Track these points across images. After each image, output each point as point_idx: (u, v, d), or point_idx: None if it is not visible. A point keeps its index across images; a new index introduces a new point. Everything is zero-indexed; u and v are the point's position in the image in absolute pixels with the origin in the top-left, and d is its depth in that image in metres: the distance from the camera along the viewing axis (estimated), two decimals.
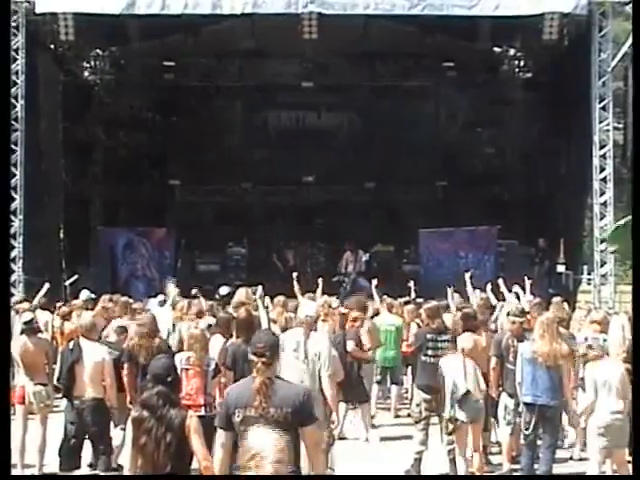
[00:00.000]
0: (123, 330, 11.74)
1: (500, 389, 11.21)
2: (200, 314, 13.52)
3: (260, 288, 13.36)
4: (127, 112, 29.84)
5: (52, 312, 16.10)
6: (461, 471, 10.43)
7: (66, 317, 15.50)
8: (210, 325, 11.49)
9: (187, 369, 9.68)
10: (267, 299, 15.02)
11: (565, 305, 15.86)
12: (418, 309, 14.73)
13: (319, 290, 16.44)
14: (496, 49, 28.76)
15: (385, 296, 16.69)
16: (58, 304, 17.21)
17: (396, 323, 15.08)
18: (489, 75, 29.01)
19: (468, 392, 10.21)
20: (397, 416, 14.64)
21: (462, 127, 30.54)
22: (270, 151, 29.57)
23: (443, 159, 29.88)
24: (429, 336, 11.35)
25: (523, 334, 10.93)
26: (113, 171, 28.82)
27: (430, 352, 11.23)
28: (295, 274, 17.06)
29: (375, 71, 28.99)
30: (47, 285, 16.85)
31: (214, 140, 29.30)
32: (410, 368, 15.00)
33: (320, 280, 16.97)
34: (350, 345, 12.75)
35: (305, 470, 6.37)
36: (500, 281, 15.53)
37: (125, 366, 10.74)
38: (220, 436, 6.41)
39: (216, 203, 28.99)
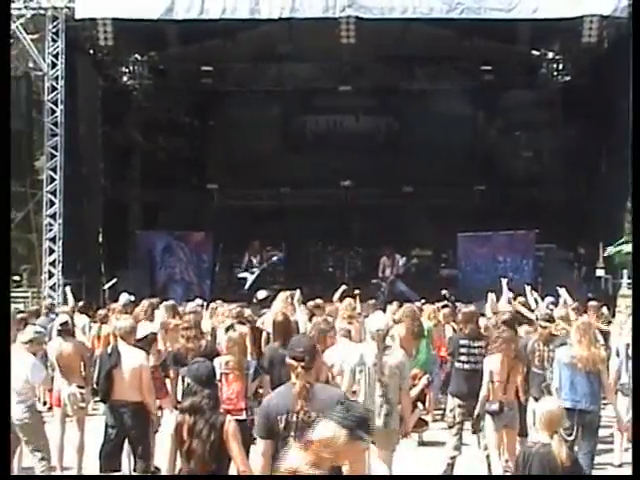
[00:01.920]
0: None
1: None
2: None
3: (298, 292, 13.37)
4: (165, 116, 30.00)
5: (90, 316, 16.15)
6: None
7: (104, 320, 15.40)
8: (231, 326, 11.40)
9: (227, 373, 9.63)
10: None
11: (604, 309, 15.75)
12: (454, 313, 14.66)
13: (358, 302, 16.27)
14: (534, 52, 28.60)
15: (423, 300, 16.65)
16: (98, 308, 17.33)
17: (426, 326, 14.89)
18: (527, 78, 28.86)
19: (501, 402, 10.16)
20: (434, 420, 14.52)
21: (500, 130, 30.44)
22: (308, 155, 29.54)
23: (481, 163, 29.89)
24: (462, 342, 11.26)
25: (551, 339, 10.88)
26: (152, 175, 28.96)
27: (464, 358, 11.15)
28: (343, 287, 16.83)
29: (412, 74, 28.89)
30: (68, 289, 16.97)
31: (252, 144, 29.27)
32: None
33: (357, 292, 16.89)
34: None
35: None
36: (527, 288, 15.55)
37: (171, 370, 10.73)
38: (260, 445, 6.43)
39: (254, 207, 28.97)
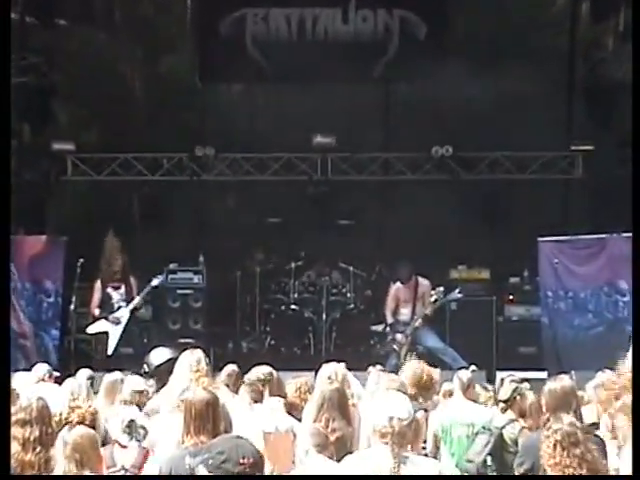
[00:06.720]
0: None
1: None
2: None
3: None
4: None
5: None
6: None
7: None
8: None
9: None
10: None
11: None
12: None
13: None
14: None
15: (474, 367, 16.25)
16: None
17: (479, 420, 14.57)
18: None
19: None
20: None
21: (615, 47, 30.04)
22: (250, 87, 29.49)
23: (581, 105, 29.91)
24: None
25: None
26: None
27: None
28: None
29: None
30: None
31: (140, 66, 29.32)
32: None
33: None
34: None
35: None
36: None
37: None
38: None
39: (143, 186, 28.96)
